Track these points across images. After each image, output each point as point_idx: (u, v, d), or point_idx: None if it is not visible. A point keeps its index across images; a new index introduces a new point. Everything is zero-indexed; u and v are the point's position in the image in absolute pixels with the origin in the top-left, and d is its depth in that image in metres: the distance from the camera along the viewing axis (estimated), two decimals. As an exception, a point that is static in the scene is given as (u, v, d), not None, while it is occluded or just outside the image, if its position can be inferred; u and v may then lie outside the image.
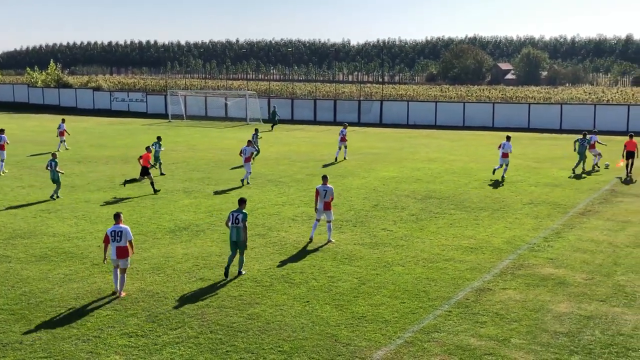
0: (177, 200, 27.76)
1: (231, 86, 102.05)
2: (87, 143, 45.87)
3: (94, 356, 13.17)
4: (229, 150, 43.48)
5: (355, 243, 21.27)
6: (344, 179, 32.86)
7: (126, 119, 69.82)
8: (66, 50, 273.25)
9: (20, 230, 22.77)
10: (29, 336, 14.11)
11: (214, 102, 74.04)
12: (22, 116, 72.91)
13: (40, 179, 32.63)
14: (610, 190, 30.02)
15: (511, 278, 17.83)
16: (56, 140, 44.99)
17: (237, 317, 15.08)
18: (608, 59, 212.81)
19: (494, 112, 62.14)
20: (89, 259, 19.54)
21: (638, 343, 13.70)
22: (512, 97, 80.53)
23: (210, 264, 19.04)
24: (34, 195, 28.78)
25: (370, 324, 14.72)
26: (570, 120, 57.83)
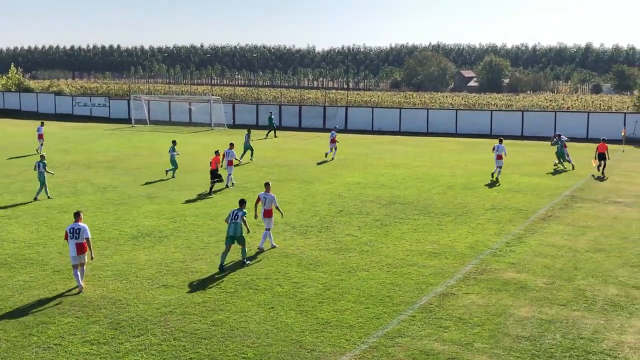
0: (140, 206, 27.49)
1: (195, 91, 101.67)
2: (50, 148, 45.16)
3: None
4: (193, 155, 43.20)
5: (320, 249, 21.26)
6: (310, 184, 32.87)
7: (89, 124, 69.01)
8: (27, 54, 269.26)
9: (-21, 237, 22.36)
10: (-12, 345, 13.85)
11: (178, 107, 73.53)
12: (-19, 120, 71.58)
13: (1, 183, 32.06)
14: (570, 195, 30.48)
15: (474, 283, 17.98)
16: (35, 143, 45.18)
17: (200, 324, 14.97)
18: (568, 67, 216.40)
19: (457, 118, 62.79)
20: (49, 265, 19.24)
21: (598, 347, 13.90)
22: (474, 104, 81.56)
23: (174, 270, 18.88)
24: (-7, 201, 28.28)
25: (334, 330, 14.71)
26: (531, 127, 58.68)
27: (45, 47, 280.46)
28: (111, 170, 37.05)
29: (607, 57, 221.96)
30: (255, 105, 72.83)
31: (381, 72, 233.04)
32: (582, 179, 35.20)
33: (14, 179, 33.73)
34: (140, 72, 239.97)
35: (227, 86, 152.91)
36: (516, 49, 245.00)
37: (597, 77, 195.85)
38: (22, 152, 43.99)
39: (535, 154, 44.99)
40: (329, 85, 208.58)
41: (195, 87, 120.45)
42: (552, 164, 39.42)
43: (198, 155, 43.31)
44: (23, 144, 49.07)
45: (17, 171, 36.25)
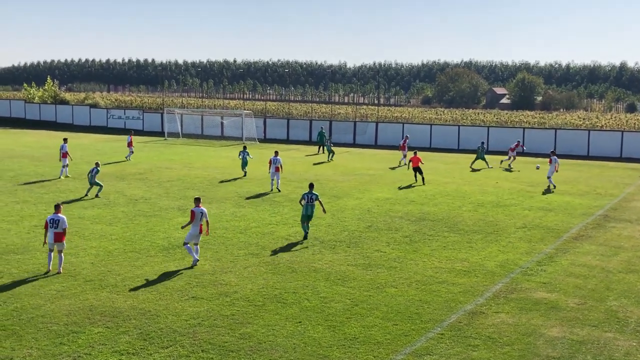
0: (172, 218, 27.70)
1: (228, 105, 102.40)
2: (83, 160, 45.78)
3: (84, 374, 13.08)
4: (224, 169, 43.49)
5: (348, 264, 21.22)
6: (339, 199, 32.86)
7: (123, 136, 69.74)
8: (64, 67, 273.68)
9: (13, 246, 22.66)
10: (20, 352, 13.99)
11: (210, 120, 74.18)
12: (18, 132, 72.87)
13: (34, 195, 32.54)
14: (603, 215, 30.08)
15: (504, 302, 17.79)
16: (57, 163, 43.65)
17: (229, 337, 15.00)
18: (602, 85, 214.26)
19: (488, 135, 62.35)
20: (81, 275, 19.44)
21: (630, 369, 13.66)
22: (506, 121, 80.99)
23: (203, 282, 18.96)
24: (27, 211, 28.68)
25: (362, 346, 14.64)
26: (564, 145, 58.08)
27: (81, 60, 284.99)
28: (143, 182, 37.42)
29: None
30: (287, 119, 73.12)
31: (412, 88, 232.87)
32: (615, 198, 34.73)
33: (48, 190, 34.20)
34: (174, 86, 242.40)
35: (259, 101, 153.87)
36: (549, 67, 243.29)
37: (631, 95, 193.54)
38: (56, 164, 44.57)
39: (568, 172, 44.48)
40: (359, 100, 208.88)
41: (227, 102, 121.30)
42: (585, 184, 38.89)
43: (229, 168, 43.57)
44: (57, 155, 49.75)
45: (52, 182, 36.75)
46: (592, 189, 37.94)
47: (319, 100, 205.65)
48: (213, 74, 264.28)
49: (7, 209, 28.95)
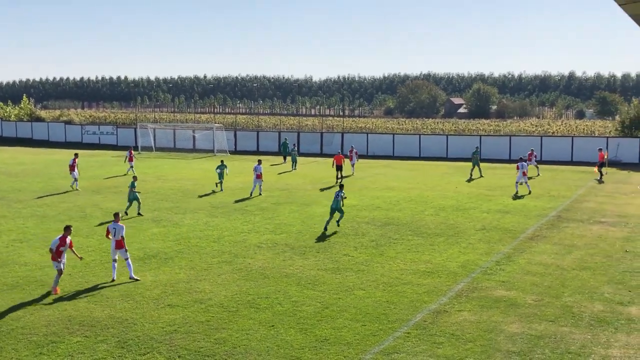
0: (146, 229, 27.43)
1: (199, 119, 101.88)
2: (59, 175, 45.15)
3: (64, 382, 12.86)
4: (197, 180, 43.23)
5: (318, 268, 21.20)
6: (308, 207, 32.84)
7: (97, 151, 69.06)
8: (39, 86, 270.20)
9: (-9, 260, 22.26)
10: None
11: (182, 134, 73.75)
12: (-5, 149, 71.60)
13: (12, 210, 31.99)
14: (556, 216, 30.48)
15: (466, 300, 17.92)
16: (32, 178, 44.03)
17: (204, 342, 14.87)
18: (552, 94, 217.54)
19: (447, 143, 62.99)
20: (59, 286, 19.13)
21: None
22: (464, 129, 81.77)
23: (178, 290, 18.79)
24: (5, 226, 28.19)
25: (332, 347, 14.62)
26: (518, 150, 58.75)
27: (55, 79, 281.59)
28: (119, 195, 36.99)
29: (590, 85, 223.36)
30: (256, 132, 73.01)
31: (375, 100, 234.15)
32: (568, 200, 35.23)
33: (26, 205, 33.65)
34: (147, 101, 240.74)
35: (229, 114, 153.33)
36: (503, 77, 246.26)
37: (580, 103, 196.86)
38: (32, 179, 43.95)
39: (523, 176, 44.98)
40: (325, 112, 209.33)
41: (198, 116, 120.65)
42: (539, 187, 39.45)
43: (201, 180, 43.32)
44: (33, 170, 49.07)
45: (29, 196, 36.18)
46: (545, 191, 38.45)
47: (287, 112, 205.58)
48: (184, 89, 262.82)
49: (-15, 224, 28.44)
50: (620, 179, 45.02)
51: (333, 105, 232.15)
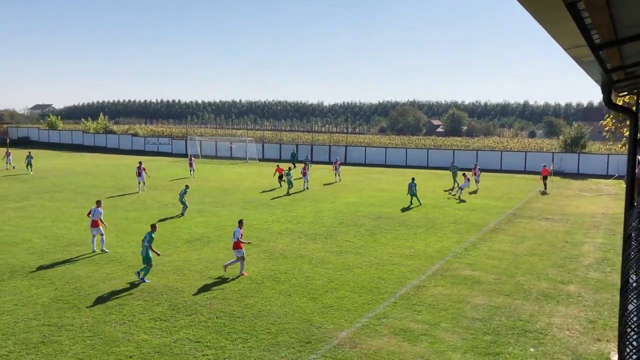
0: (193, 218, 27.51)
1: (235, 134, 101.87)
2: (127, 175, 45.36)
3: (128, 336, 12.92)
4: (233, 181, 43.27)
5: (325, 251, 21.18)
6: (318, 203, 32.82)
7: (156, 157, 69.29)
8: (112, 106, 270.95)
9: (74, 240, 22.39)
10: (79, 320, 13.81)
11: (221, 145, 73.83)
12: (77, 155, 72.02)
13: (90, 202, 32.16)
14: (512, 213, 30.32)
15: (440, 278, 17.86)
16: (108, 178, 44.11)
17: (236, 306, 14.90)
18: (510, 118, 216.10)
19: (428, 155, 62.75)
20: (125, 262, 19.24)
21: (533, 326, 13.76)
22: (441, 144, 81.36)
23: (217, 266, 18.83)
24: (85, 214, 28.35)
25: (336, 312, 14.61)
26: (483, 161, 58.59)
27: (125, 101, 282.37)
28: (172, 191, 37.10)
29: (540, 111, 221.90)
30: (279, 144, 73.01)
31: (372, 120, 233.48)
32: (521, 201, 35.03)
33: (101, 197, 33.77)
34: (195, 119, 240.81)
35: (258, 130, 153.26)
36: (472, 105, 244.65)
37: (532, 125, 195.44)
38: (106, 178, 44.16)
39: (486, 182, 44.79)
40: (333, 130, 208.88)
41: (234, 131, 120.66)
42: (499, 191, 39.25)
43: (236, 181, 43.39)
44: (106, 172, 49.34)
45: (103, 191, 36.35)
46: (504, 194, 38.24)
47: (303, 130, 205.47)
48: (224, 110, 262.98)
49: (69, 213, 28.62)
50: (562, 185, 44.69)
51: (339, 124, 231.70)
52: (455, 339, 12.94)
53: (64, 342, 12.52)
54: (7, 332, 13.04)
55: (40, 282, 16.83)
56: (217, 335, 12.98)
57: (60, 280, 17.05)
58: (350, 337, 13.03)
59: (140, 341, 12.60)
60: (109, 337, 12.78)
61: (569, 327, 13.81)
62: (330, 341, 12.77)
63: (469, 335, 13.14)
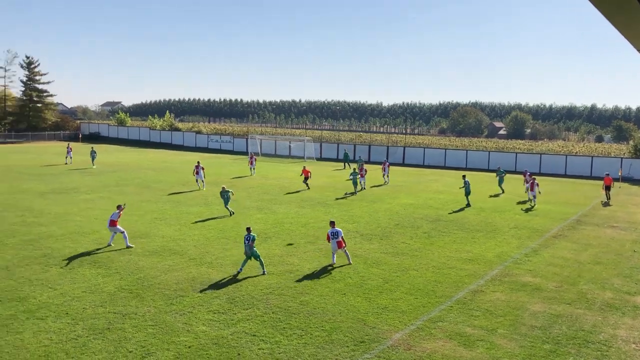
0: (252, 215, 27.97)
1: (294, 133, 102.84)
2: (190, 172, 46.63)
3: (187, 326, 13.28)
4: (291, 179, 43.70)
5: (381, 252, 21.07)
6: (374, 203, 32.67)
7: (218, 155, 70.92)
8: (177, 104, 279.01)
9: (139, 232, 23.22)
10: (142, 309, 14.32)
11: (281, 144, 74.72)
12: (144, 150, 74.72)
13: (155, 196, 33.26)
14: (576, 220, 29.17)
15: (499, 283, 17.41)
16: (173, 173, 45.60)
17: (292, 303, 15.05)
18: (577, 122, 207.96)
19: (489, 157, 61.26)
20: (187, 255, 19.78)
21: (596, 337, 13.20)
22: (503, 147, 79.25)
23: (274, 262, 19.07)
24: (149, 207, 29.36)
25: (391, 313, 14.51)
26: (547, 166, 56.67)
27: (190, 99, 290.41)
28: (232, 188, 37.86)
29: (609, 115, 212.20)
30: (337, 144, 73.17)
31: (431, 121, 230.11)
32: (586, 207, 33.64)
33: (165, 192, 34.93)
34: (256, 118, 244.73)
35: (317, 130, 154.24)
36: (536, 107, 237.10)
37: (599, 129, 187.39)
38: (170, 174, 45.52)
39: (550, 187, 43.29)
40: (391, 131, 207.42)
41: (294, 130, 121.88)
42: (562, 196, 37.84)
43: (294, 179, 43.78)
44: (170, 168, 50.84)
45: (167, 186, 37.54)
46: (568, 200, 36.84)
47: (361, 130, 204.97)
48: (284, 110, 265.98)
49: (135, 206, 29.70)
50: (631, 192, 42.60)
51: (397, 125, 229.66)
52: (513, 346, 12.58)
53: (128, 329, 13.02)
54: (76, 317, 13.69)
55: (106, 271, 17.57)
56: (273, 330, 13.16)
57: (125, 270, 17.72)
58: (405, 339, 12.91)
59: (198, 332, 12.94)
60: (169, 327, 13.19)
61: (636, 340, 13.17)
62: (384, 342, 12.69)
63: (527, 343, 12.75)
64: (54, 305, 14.44)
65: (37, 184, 37.60)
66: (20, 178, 40.47)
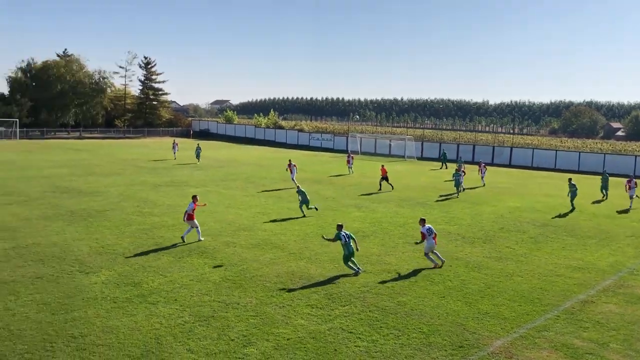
0: (350, 213, 28.16)
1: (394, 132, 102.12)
2: (291, 168, 47.80)
3: (286, 319, 13.66)
4: (391, 179, 43.41)
5: (484, 256, 20.43)
6: (477, 205, 31.70)
7: (319, 152, 72.08)
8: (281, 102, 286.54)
9: (243, 225, 24.17)
10: (244, 299, 14.92)
11: (381, 143, 74.52)
12: (249, 147, 77.63)
13: (258, 190, 34.43)
14: None
15: (612, 295, 16.28)
16: (276, 170, 47.00)
17: (389, 302, 15.01)
18: None
19: (604, 160, 57.30)
20: (287, 249, 20.31)
21: None
22: (621, 149, 73.70)
23: (372, 261, 19.10)
24: (252, 202, 30.45)
25: (492, 319, 14.05)
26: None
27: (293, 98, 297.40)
28: (332, 185, 38.36)
29: None
30: (439, 143, 71.70)
31: (541, 121, 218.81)
32: None
33: (267, 187, 36.05)
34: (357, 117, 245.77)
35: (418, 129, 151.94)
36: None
37: None
38: (272, 170, 46.86)
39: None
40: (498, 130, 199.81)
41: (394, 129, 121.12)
42: None
43: (393, 179, 43.45)
44: (274, 165, 52.35)
45: (270, 182, 38.72)
46: None
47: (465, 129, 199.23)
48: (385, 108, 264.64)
49: (240, 200, 30.94)
50: None
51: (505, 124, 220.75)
52: (627, 364, 11.74)
53: (231, 318, 13.63)
54: (184, 303, 14.54)
55: (212, 261, 18.47)
56: (370, 329, 13.20)
57: (229, 261, 18.54)
58: (506, 346, 12.45)
59: (297, 325, 13.27)
60: (269, 319, 13.64)
61: None
62: (484, 348, 12.32)
63: (643, 361, 11.84)
64: (164, 291, 15.43)
65: (151, 176, 40.27)
66: (137, 171, 43.53)
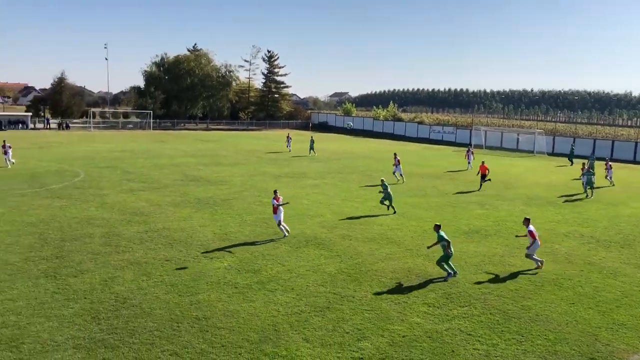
0: (472, 210, 27.29)
1: (523, 125, 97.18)
2: (409, 162, 47.26)
3: (402, 316, 13.56)
4: (517, 175, 41.48)
5: (621, 261, 18.85)
6: (614, 206, 29.30)
7: (440, 146, 70.59)
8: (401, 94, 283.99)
9: (359, 219, 24.32)
10: (359, 293, 15.03)
11: (508, 137, 71.29)
12: (367, 140, 77.88)
13: (375, 183, 34.43)
14: None
15: None
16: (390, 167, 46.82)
17: (512, 306, 14.35)
18: None
19: None
20: (404, 245, 20.15)
21: None
22: None
23: (494, 261, 18.38)
24: (369, 195, 30.50)
25: (629, 332, 12.93)
26: None
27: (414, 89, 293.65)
28: (453, 181, 37.40)
29: None
30: (572, 138, 67.06)
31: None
32: None
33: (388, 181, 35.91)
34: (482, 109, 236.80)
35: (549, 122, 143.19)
36: None
37: None
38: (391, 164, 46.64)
39: None
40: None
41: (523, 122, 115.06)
42: None
43: (521, 175, 41.47)
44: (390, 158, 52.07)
45: (385, 175, 38.56)
46: None
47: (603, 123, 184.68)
48: (513, 100, 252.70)
49: (356, 193, 31.16)
50: None
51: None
52: None
53: (345, 311, 13.79)
54: (300, 293, 14.95)
55: (328, 253, 18.80)
56: (490, 332, 12.73)
57: (345, 253, 18.75)
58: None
59: (413, 323, 13.12)
60: (384, 314, 13.62)
61: None
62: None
63: None
64: (282, 279, 15.96)
65: (272, 167, 41.80)
66: (259, 162, 45.40)
